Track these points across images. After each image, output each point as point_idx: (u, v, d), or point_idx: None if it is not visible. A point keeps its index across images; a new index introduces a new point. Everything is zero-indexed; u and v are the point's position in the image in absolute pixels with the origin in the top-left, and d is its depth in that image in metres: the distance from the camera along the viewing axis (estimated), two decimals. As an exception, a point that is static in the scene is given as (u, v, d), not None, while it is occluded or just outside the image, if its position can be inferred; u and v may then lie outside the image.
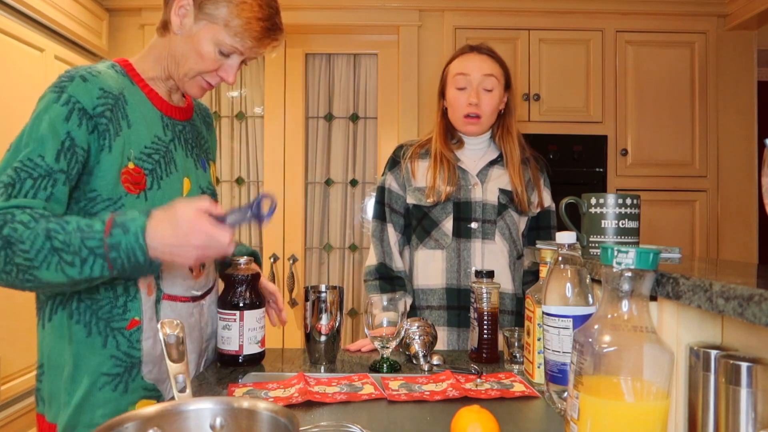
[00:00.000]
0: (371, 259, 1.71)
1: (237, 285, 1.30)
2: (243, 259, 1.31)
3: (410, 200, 1.67)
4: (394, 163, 1.72)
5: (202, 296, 1.28)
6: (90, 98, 1.06)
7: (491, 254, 1.62)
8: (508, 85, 1.68)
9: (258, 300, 1.31)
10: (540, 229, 1.71)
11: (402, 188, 1.69)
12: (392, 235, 1.69)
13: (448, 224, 1.63)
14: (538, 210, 1.71)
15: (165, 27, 1.16)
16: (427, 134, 1.75)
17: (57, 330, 1.11)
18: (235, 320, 1.27)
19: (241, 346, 1.28)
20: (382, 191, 1.72)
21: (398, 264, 1.68)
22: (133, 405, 1.13)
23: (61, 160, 1.02)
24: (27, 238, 0.94)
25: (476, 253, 1.62)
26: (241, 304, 1.28)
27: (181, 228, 0.98)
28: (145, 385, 1.15)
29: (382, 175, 1.74)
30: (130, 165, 1.10)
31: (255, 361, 1.30)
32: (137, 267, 0.99)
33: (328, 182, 3.03)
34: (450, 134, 1.70)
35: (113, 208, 1.08)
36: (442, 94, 1.70)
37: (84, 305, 1.10)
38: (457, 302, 1.62)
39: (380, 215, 1.71)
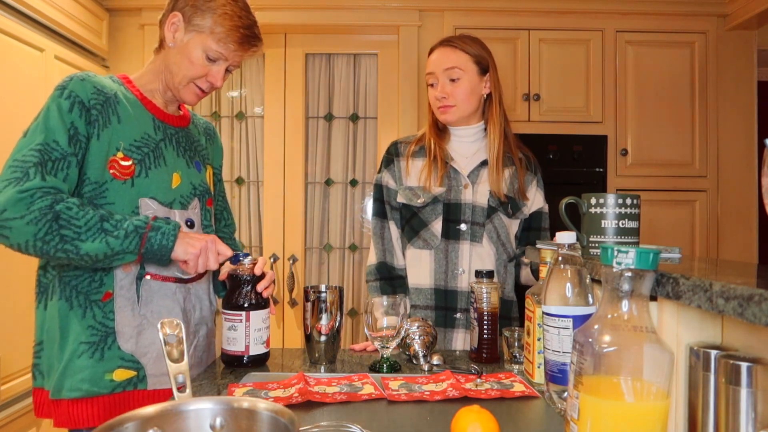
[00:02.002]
0: (371, 258, 1.71)
1: (243, 285, 1.29)
2: (248, 259, 1.30)
3: (400, 199, 1.67)
4: (389, 160, 1.72)
5: (189, 280, 1.33)
6: (86, 93, 1.21)
7: (478, 257, 1.62)
8: (485, 70, 1.65)
9: (263, 300, 1.31)
10: (531, 230, 1.71)
11: (396, 185, 1.69)
12: (394, 231, 1.69)
13: (437, 225, 1.62)
14: (532, 211, 1.70)
15: (161, 45, 1.33)
16: (421, 130, 1.75)
17: (51, 310, 1.24)
18: (241, 321, 1.27)
19: (247, 347, 1.28)
20: (380, 189, 1.72)
21: (400, 261, 1.68)
22: (110, 373, 1.22)
23: (71, 146, 1.18)
24: (81, 217, 1.13)
25: (464, 255, 1.62)
26: (246, 305, 1.28)
27: (205, 244, 1.23)
28: (122, 355, 1.23)
29: (378, 172, 1.74)
30: (119, 155, 1.24)
31: (260, 362, 1.30)
32: (162, 250, 1.18)
33: (328, 182, 3.03)
34: (439, 127, 1.71)
35: (99, 191, 1.21)
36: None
37: (64, 282, 1.23)
38: (444, 303, 1.62)
39: (380, 213, 1.70)
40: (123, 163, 1.23)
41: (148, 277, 1.26)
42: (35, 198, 1.10)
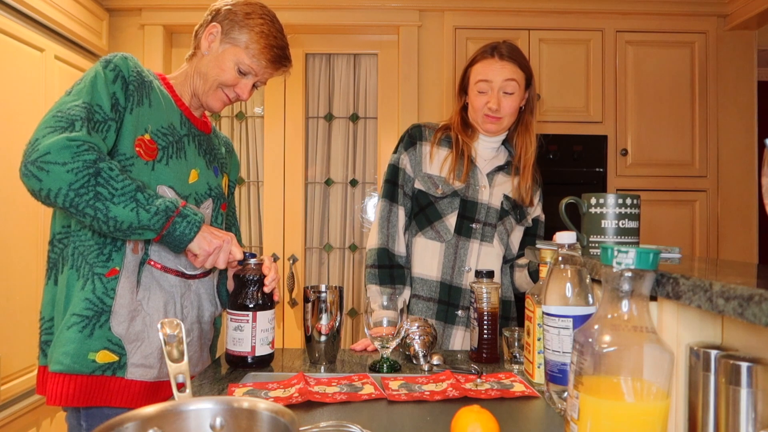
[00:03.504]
0: (372, 242, 1.67)
1: (249, 285, 1.29)
2: (253, 260, 1.30)
3: (418, 185, 1.66)
4: (411, 142, 1.69)
5: (193, 276, 1.33)
6: (127, 69, 1.25)
7: (486, 256, 1.63)
8: (528, 84, 1.67)
9: (269, 300, 1.31)
10: (527, 236, 1.74)
11: (413, 171, 1.67)
12: (401, 218, 1.66)
13: (452, 219, 1.62)
14: (532, 218, 1.73)
15: (194, 53, 1.38)
16: (444, 122, 1.74)
17: (61, 282, 1.24)
18: (247, 321, 1.27)
19: (253, 347, 1.27)
20: (395, 171, 1.68)
21: (401, 249, 1.66)
22: (94, 352, 1.20)
23: (113, 113, 1.21)
24: (121, 180, 1.14)
25: (473, 254, 1.62)
26: (252, 306, 1.28)
27: (223, 242, 1.24)
28: (110, 337, 1.21)
29: (395, 152, 1.70)
30: (146, 136, 1.26)
31: (265, 363, 1.30)
32: (181, 238, 1.18)
33: (328, 182, 3.03)
34: (467, 125, 1.70)
35: (125, 163, 1.22)
36: (462, 90, 1.70)
37: (78, 251, 1.22)
38: (448, 298, 1.62)
39: (392, 196, 1.67)
40: (150, 144, 1.26)
41: (151, 263, 1.26)
42: (82, 149, 1.10)
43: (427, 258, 1.64)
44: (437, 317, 1.62)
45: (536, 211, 1.74)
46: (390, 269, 1.64)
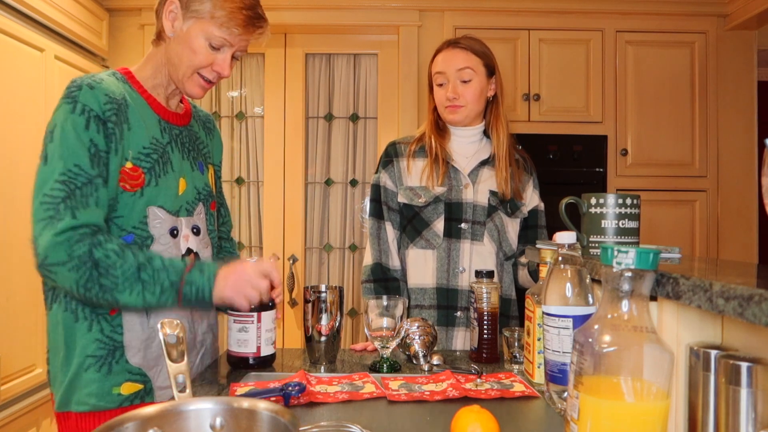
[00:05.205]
0: (367, 259, 1.71)
1: None
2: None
3: (401, 199, 1.67)
4: (387, 161, 1.72)
5: None
6: (99, 104, 1.14)
7: (479, 255, 1.63)
8: (492, 72, 1.68)
9: (271, 301, 1.31)
10: (528, 228, 1.73)
11: (395, 186, 1.69)
12: (390, 232, 1.68)
13: (439, 225, 1.63)
14: (529, 209, 1.72)
15: (159, 36, 1.25)
16: (419, 130, 1.75)
17: (54, 318, 1.21)
18: (252, 322, 1.27)
19: (258, 348, 1.28)
20: (377, 189, 1.71)
21: (395, 262, 1.68)
22: (117, 386, 1.19)
23: (95, 166, 1.12)
24: (119, 266, 1.10)
25: (465, 254, 1.62)
26: (256, 306, 1.28)
27: (241, 277, 1.18)
28: (130, 369, 1.20)
29: (376, 172, 1.74)
30: (128, 165, 1.18)
31: (267, 363, 1.30)
32: (201, 302, 1.16)
33: (328, 182, 3.03)
34: (440, 126, 1.71)
35: (111, 206, 1.16)
36: (431, 89, 1.72)
37: (70, 295, 1.17)
38: (446, 302, 1.63)
39: (377, 213, 1.70)
40: (132, 173, 1.18)
41: None
42: (72, 242, 1.07)
43: (421, 267, 1.65)
44: (438, 323, 1.62)
45: (532, 201, 1.73)
46: (385, 282, 1.66)
